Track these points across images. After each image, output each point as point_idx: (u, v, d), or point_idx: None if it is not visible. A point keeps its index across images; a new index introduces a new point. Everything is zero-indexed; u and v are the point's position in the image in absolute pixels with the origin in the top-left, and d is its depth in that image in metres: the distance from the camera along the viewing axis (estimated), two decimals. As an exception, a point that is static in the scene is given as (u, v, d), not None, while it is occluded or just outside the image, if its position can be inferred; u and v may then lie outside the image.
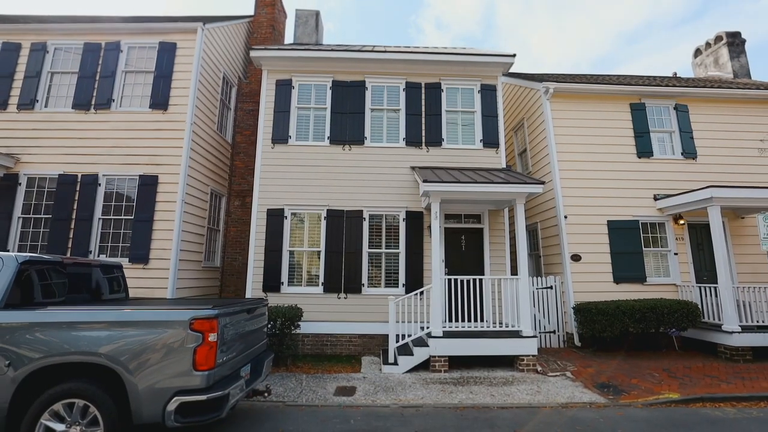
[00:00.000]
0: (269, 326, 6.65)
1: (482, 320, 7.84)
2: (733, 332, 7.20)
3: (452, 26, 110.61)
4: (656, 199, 9.01)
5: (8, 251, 7.49)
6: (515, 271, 8.22)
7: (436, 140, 8.88)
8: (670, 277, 8.80)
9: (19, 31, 8.60)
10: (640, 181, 9.12)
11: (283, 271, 8.20)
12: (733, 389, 5.68)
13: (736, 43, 12.57)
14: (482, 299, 7.80)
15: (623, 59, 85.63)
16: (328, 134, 8.84)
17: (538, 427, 4.50)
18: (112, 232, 7.82)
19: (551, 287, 8.78)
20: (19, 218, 7.82)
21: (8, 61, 8.44)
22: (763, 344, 7.20)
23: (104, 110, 8.24)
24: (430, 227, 8.14)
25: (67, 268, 4.26)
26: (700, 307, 7.85)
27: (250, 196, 9.71)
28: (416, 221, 8.47)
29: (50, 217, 7.78)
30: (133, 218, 7.78)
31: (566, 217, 8.86)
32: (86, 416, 3.28)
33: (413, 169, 8.46)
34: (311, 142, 8.85)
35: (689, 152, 9.35)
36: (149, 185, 7.88)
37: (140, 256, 7.58)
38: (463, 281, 7.37)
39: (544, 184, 7.30)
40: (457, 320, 7.40)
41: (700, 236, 9.10)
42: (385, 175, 8.65)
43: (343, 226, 8.40)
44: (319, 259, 8.35)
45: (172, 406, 3.26)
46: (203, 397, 3.30)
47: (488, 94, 9.13)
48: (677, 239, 8.94)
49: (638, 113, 9.49)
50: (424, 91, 9.10)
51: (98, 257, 7.64)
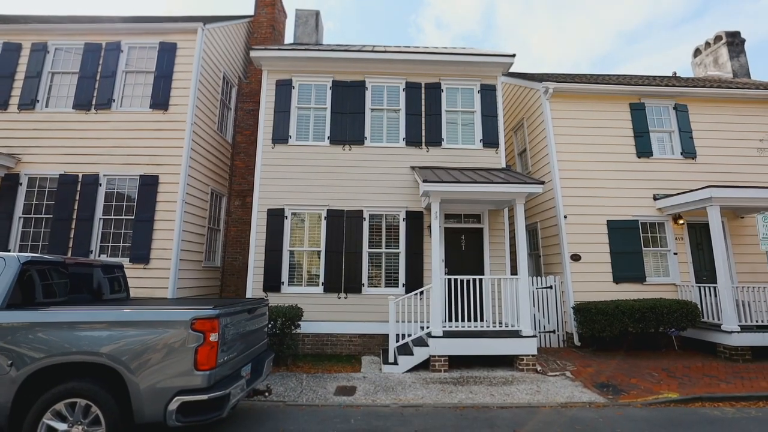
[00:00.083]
0: (270, 326, 6.67)
1: (482, 320, 7.87)
2: (732, 332, 7.22)
3: (452, 26, 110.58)
4: (656, 198, 9.03)
5: (9, 251, 7.55)
6: (515, 270, 8.24)
7: (436, 140, 8.89)
8: (669, 276, 8.81)
9: (19, 31, 8.61)
10: (639, 180, 9.13)
11: (283, 270, 8.22)
12: (732, 389, 5.70)
13: (735, 42, 12.57)
14: (482, 299, 7.83)
15: (623, 59, 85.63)
16: (328, 134, 8.86)
17: (537, 426, 4.52)
18: (112, 232, 7.84)
19: (551, 287, 8.80)
20: (20, 218, 7.84)
21: (9, 61, 8.45)
22: (762, 344, 7.21)
23: (105, 110, 8.25)
24: (430, 227, 8.16)
25: (68, 268, 4.28)
26: (699, 306, 7.87)
27: (250, 195, 9.73)
28: (416, 221, 8.48)
29: (51, 217, 7.80)
30: (133, 218, 7.80)
31: (566, 216, 8.87)
32: (88, 416, 3.30)
33: (413, 169, 8.47)
34: (311, 142, 8.87)
35: (689, 152, 9.37)
36: (150, 185, 7.90)
37: (141, 256, 7.60)
38: (463, 281, 7.39)
39: (543, 184, 7.32)
40: (457, 320, 7.42)
41: (699, 236, 9.11)
42: (385, 175, 8.66)
43: (343, 226, 8.42)
44: (319, 259, 8.37)
45: (173, 405, 3.28)
46: (204, 396, 3.32)
47: (488, 94, 9.14)
48: (677, 239, 8.95)
49: (638, 113, 9.51)
50: (424, 91, 9.11)
51: (99, 257, 7.65)
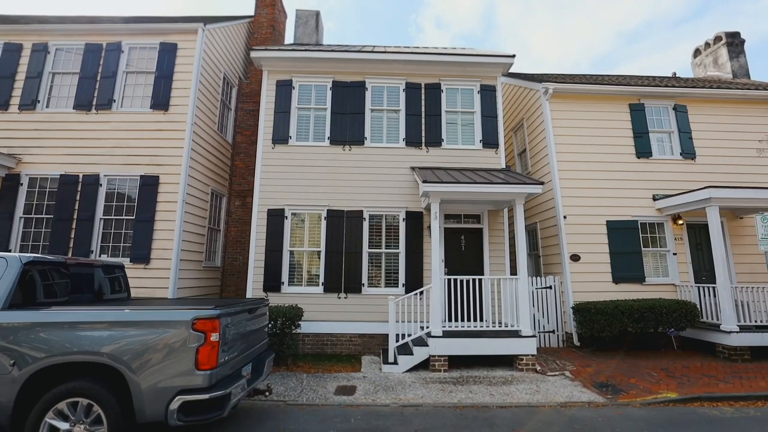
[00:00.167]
0: (270, 326, 6.68)
1: (482, 320, 7.89)
2: (731, 332, 7.24)
3: (452, 25, 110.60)
4: (655, 199, 9.04)
5: (10, 251, 7.57)
6: (515, 271, 8.26)
7: (435, 140, 8.91)
8: (668, 277, 8.83)
9: (20, 31, 8.62)
10: (639, 181, 9.15)
11: (283, 270, 8.23)
12: (730, 389, 5.72)
13: (735, 43, 12.59)
14: (482, 299, 7.85)
15: (623, 59, 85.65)
16: (328, 134, 8.87)
17: (536, 426, 4.54)
18: (113, 232, 7.86)
19: (550, 287, 8.81)
20: (20, 218, 7.86)
21: (10, 61, 8.46)
22: (761, 344, 7.24)
23: (105, 111, 8.27)
24: (429, 227, 8.17)
25: (69, 268, 4.30)
26: (698, 307, 7.89)
27: (250, 196, 9.75)
28: (416, 221, 8.50)
29: (52, 217, 7.81)
30: (134, 218, 7.81)
31: (565, 217, 8.89)
32: (90, 415, 3.32)
33: (413, 169, 8.49)
34: (311, 142, 8.88)
35: (688, 152, 9.38)
36: (150, 185, 7.91)
37: (141, 256, 7.61)
38: (462, 281, 7.41)
39: (543, 184, 7.33)
40: (456, 320, 7.43)
41: (698, 236, 9.13)
42: (385, 175, 8.68)
43: (343, 226, 8.43)
44: (319, 259, 8.39)
45: (174, 405, 3.30)
46: (205, 396, 3.34)
47: (488, 94, 9.16)
48: (676, 239, 8.97)
49: (637, 113, 9.52)
50: (423, 91, 9.13)
51: (99, 257, 7.67)
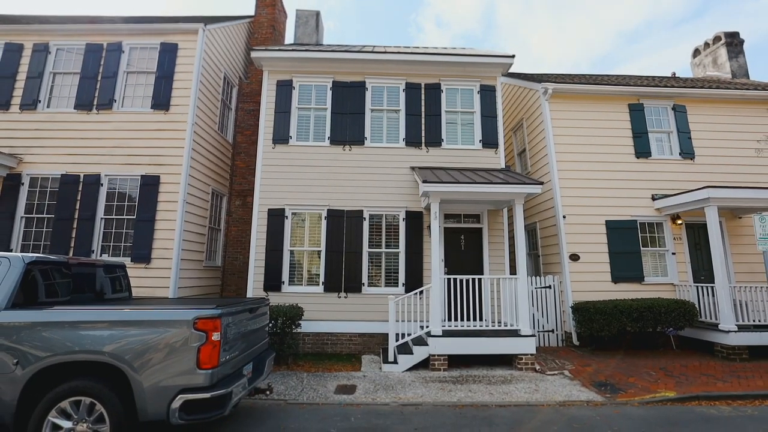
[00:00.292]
0: (270, 325, 6.71)
1: (481, 319, 7.92)
2: (729, 331, 7.27)
3: (452, 25, 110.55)
4: (654, 199, 9.07)
5: (11, 251, 7.60)
6: (514, 270, 8.29)
7: (435, 140, 8.93)
8: (667, 276, 8.86)
9: (21, 31, 8.63)
10: (638, 181, 9.18)
11: (284, 270, 8.26)
12: (728, 388, 5.75)
13: (734, 43, 12.61)
14: (481, 298, 7.87)
15: (623, 59, 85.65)
16: (328, 134, 8.89)
17: (535, 425, 4.57)
18: (114, 231, 7.88)
19: (550, 287, 8.84)
20: (22, 218, 7.88)
21: (11, 61, 8.48)
22: (759, 343, 7.27)
23: (106, 111, 8.29)
24: (429, 227, 8.20)
25: (71, 268, 4.32)
26: (697, 306, 7.93)
27: (251, 195, 9.77)
28: (416, 221, 8.53)
29: (53, 216, 7.84)
30: (135, 218, 7.83)
31: (565, 217, 8.92)
32: (93, 413, 3.34)
33: (413, 169, 8.51)
34: (312, 142, 8.90)
35: (687, 152, 9.41)
36: (151, 185, 7.94)
37: (142, 255, 7.64)
38: (462, 281, 7.44)
39: (542, 184, 7.36)
40: (456, 319, 7.46)
41: (697, 236, 9.16)
42: (385, 175, 8.70)
43: (343, 225, 8.46)
44: (319, 258, 8.41)
45: (176, 403, 3.33)
46: (207, 395, 3.37)
47: (487, 94, 9.18)
48: (675, 239, 9.00)
49: (636, 113, 9.55)
50: (423, 91, 9.15)
51: (100, 257, 7.70)
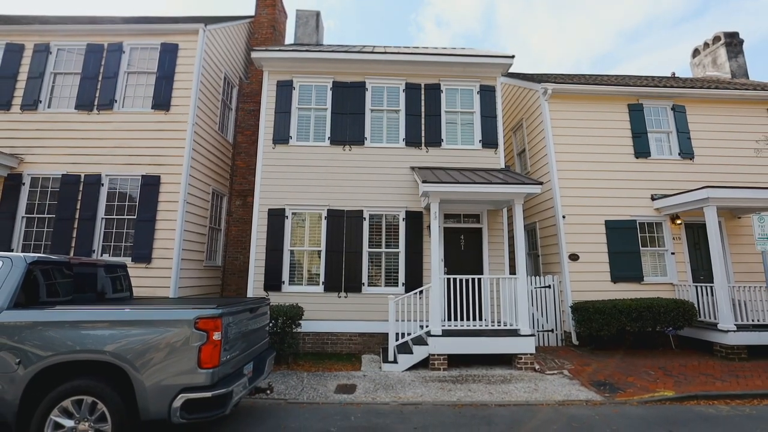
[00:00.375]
0: (271, 325, 6.73)
1: (481, 319, 7.95)
2: (728, 331, 7.29)
3: (452, 24, 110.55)
4: (653, 199, 9.09)
5: (12, 251, 7.62)
6: (514, 270, 8.31)
7: (435, 141, 8.95)
8: (667, 276, 8.88)
9: (22, 32, 8.64)
10: (637, 181, 9.20)
11: (284, 270, 8.28)
12: (727, 387, 5.78)
13: (734, 43, 12.63)
14: (481, 298, 7.90)
15: (624, 58, 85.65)
16: (328, 135, 8.91)
17: (535, 424, 4.59)
18: (114, 231, 7.90)
19: (549, 286, 8.87)
20: (22, 218, 7.90)
21: (12, 61, 8.49)
22: (757, 343, 7.30)
23: (107, 111, 8.31)
24: (429, 227, 8.22)
25: (73, 268, 4.34)
26: (696, 306, 7.95)
27: (251, 195, 9.79)
28: (416, 221, 8.55)
29: (54, 216, 7.86)
30: (135, 218, 7.86)
31: (564, 216, 8.94)
32: (94, 412, 3.36)
33: (413, 169, 8.53)
34: (312, 142, 8.92)
35: (686, 152, 9.43)
36: (151, 185, 7.96)
37: (143, 255, 7.66)
38: (462, 280, 7.46)
39: (542, 184, 7.38)
40: (456, 319, 7.48)
41: (696, 236, 9.18)
42: (385, 175, 8.72)
43: (343, 225, 8.48)
44: (319, 258, 8.43)
45: (177, 402, 3.35)
46: (208, 394, 3.39)
47: (487, 94, 9.20)
48: (674, 239, 9.02)
49: (636, 114, 9.57)
50: (423, 91, 9.17)
51: (101, 257, 7.72)
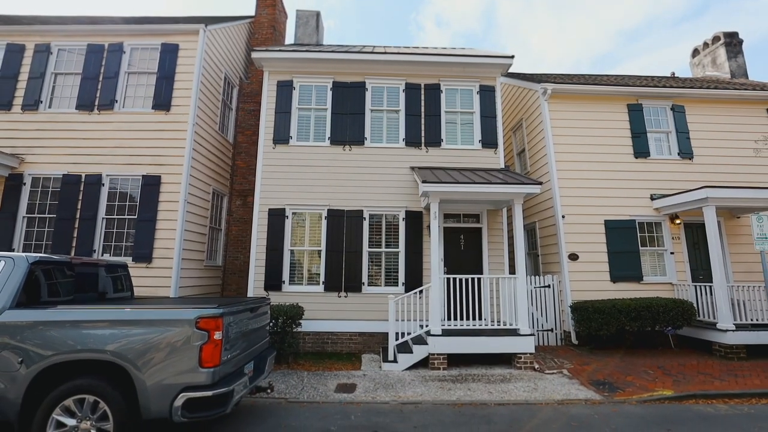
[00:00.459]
0: (271, 324, 6.76)
1: (481, 319, 7.97)
2: (727, 330, 7.31)
3: (452, 24, 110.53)
4: (653, 199, 9.11)
5: (13, 250, 7.64)
6: (513, 270, 8.33)
7: (435, 141, 8.97)
8: (666, 276, 8.90)
9: (22, 32, 8.66)
10: (637, 181, 9.22)
11: (284, 270, 8.30)
12: (726, 386, 5.80)
13: (733, 43, 12.65)
14: (481, 298, 7.92)
15: (624, 57, 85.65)
16: (328, 135, 8.93)
17: (534, 423, 4.61)
18: (115, 231, 7.92)
19: (549, 286, 8.89)
20: (23, 218, 7.92)
21: (12, 62, 8.51)
22: (756, 342, 7.32)
23: (107, 111, 8.33)
24: (429, 227, 8.23)
25: (74, 268, 4.36)
26: (695, 305, 7.97)
27: (251, 195, 9.81)
28: (416, 221, 8.57)
29: (54, 216, 7.87)
30: (136, 218, 7.87)
31: (564, 216, 8.96)
32: (96, 411, 3.39)
33: (413, 169, 8.55)
34: (312, 142, 8.94)
35: (686, 152, 9.45)
36: (152, 185, 7.98)
37: (143, 255, 7.68)
38: (461, 280, 7.48)
39: (541, 184, 7.40)
40: (456, 319, 7.50)
41: (696, 235, 9.20)
42: (385, 175, 8.74)
43: (343, 225, 8.50)
44: (319, 258, 8.46)
45: (179, 401, 3.37)
46: (209, 393, 3.41)
47: (487, 94, 9.21)
48: (673, 238, 9.04)
49: (635, 114, 9.59)
50: (423, 91, 9.18)
51: (102, 256, 7.74)
